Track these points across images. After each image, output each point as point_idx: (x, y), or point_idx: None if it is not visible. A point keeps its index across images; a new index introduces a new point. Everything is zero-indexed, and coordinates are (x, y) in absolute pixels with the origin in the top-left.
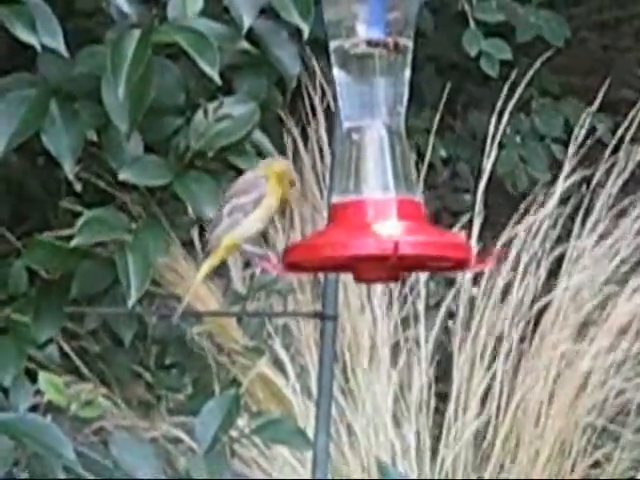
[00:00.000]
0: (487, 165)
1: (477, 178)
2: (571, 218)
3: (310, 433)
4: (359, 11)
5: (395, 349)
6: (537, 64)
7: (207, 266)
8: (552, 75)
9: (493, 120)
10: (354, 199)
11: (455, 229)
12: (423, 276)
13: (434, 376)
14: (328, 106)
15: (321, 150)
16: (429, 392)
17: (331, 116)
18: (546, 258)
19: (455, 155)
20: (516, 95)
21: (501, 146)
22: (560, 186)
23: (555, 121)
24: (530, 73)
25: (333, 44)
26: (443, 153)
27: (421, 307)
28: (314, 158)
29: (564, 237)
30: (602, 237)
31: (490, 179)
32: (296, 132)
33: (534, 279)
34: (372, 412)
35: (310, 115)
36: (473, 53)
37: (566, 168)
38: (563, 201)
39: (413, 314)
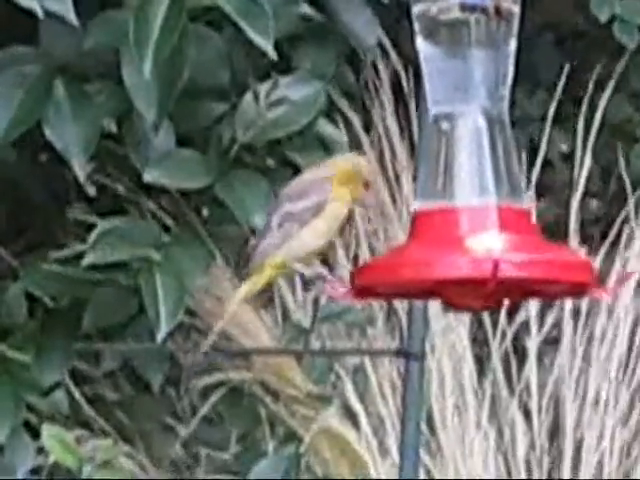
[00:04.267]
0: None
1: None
2: None
3: None
4: None
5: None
6: None
7: (245, 291)
8: None
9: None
10: (442, 206)
11: (576, 244)
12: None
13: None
14: (400, 87)
15: (391, 144)
16: (540, 451)
17: (404, 100)
18: None
19: (579, 150)
20: None
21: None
22: None
23: None
24: None
25: (417, 9)
26: (564, 147)
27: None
28: (382, 154)
29: None
30: None
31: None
32: (357, 121)
33: None
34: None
35: (375, 99)
36: (604, 18)
37: None
38: None
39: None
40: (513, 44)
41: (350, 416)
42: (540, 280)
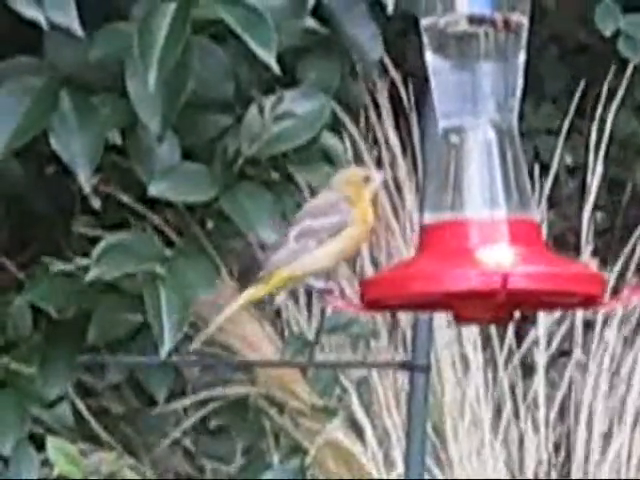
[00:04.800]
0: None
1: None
2: None
3: None
4: None
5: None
6: None
7: (247, 295)
8: None
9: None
10: (452, 219)
11: (585, 256)
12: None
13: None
14: (400, 100)
15: (393, 157)
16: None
17: (405, 114)
18: None
19: (585, 163)
20: None
21: None
22: None
23: None
24: None
25: (425, 22)
26: (569, 160)
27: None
28: (384, 167)
29: None
30: None
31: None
32: (358, 134)
33: None
34: None
35: (374, 113)
36: (608, 33)
37: None
38: None
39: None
40: (522, 56)
41: (355, 429)
42: (550, 292)
